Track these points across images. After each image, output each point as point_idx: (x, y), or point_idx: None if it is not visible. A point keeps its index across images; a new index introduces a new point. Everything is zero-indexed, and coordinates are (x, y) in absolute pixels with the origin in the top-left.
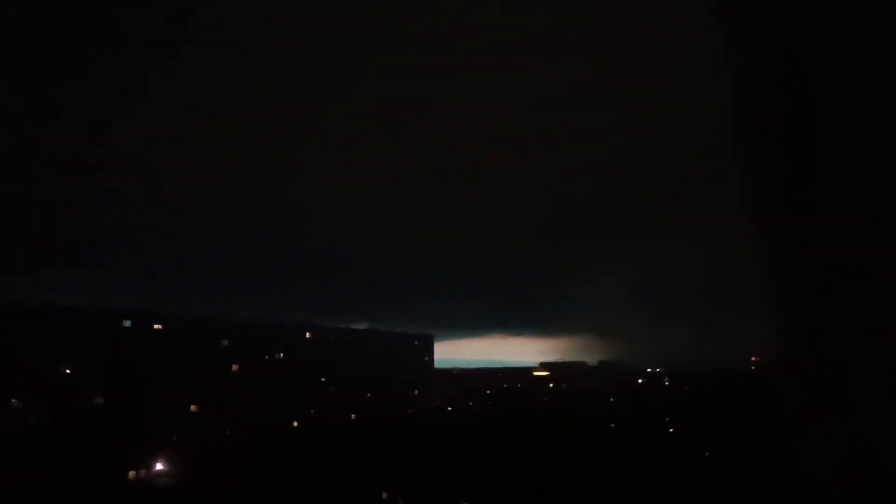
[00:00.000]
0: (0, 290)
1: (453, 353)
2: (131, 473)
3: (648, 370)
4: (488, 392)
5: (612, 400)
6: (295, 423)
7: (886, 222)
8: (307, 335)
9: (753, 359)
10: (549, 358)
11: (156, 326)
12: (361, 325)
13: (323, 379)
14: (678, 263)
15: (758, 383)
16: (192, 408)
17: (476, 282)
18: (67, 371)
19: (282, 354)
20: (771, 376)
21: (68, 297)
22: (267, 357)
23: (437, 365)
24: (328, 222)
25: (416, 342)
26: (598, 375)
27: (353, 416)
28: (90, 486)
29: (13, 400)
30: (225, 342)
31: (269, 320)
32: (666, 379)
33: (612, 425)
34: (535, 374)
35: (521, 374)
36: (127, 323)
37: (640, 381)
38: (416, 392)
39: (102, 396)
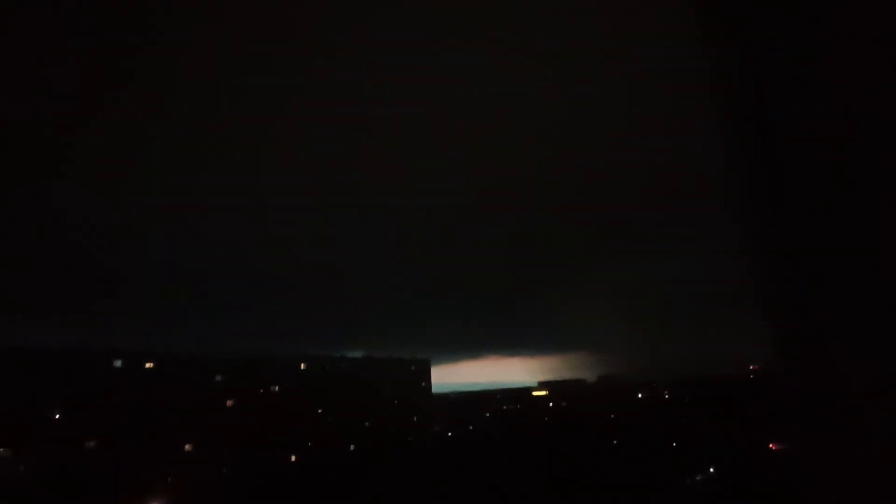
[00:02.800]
0: None
1: (450, 377)
2: None
3: (648, 383)
4: (487, 415)
5: (612, 416)
6: (293, 457)
7: (885, 225)
8: (302, 366)
9: (753, 367)
10: (547, 377)
11: (147, 365)
12: (356, 353)
13: (320, 410)
14: (671, 274)
15: (757, 391)
16: (187, 446)
17: (468, 304)
18: (57, 416)
19: (277, 387)
20: (769, 383)
21: (49, 339)
22: (262, 390)
23: (434, 389)
24: (315, 250)
25: (413, 367)
26: (598, 391)
27: (352, 446)
28: None
29: (1, 448)
30: (219, 378)
31: (262, 353)
32: (666, 392)
33: (615, 441)
34: (534, 393)
35: (519, 394)
36: (118, 363)
37: (640, 395)
38: (415, 418)
39: (95, 439)
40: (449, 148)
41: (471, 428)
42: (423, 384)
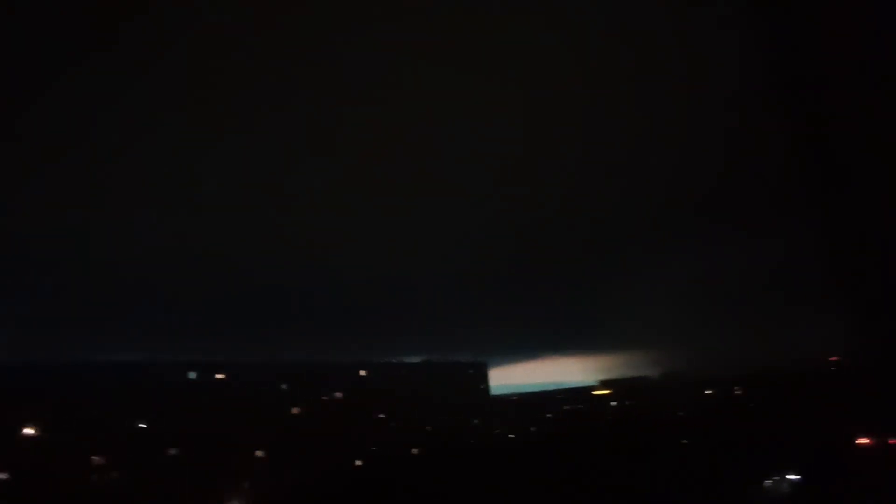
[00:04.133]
0: (70, 352)
1: (508, 378)
2: None
3: (718, 379)
4: (549, 416)
5: (681, 415)
6: (358, 462)
7: None
8: (362, 373)
9: (833, 358)
10: (609, 376)
11: (218, 376)
12: (414, 359)
13: (381, 415)
14: (739, 262)
15: (840, 384)
16: (259, 453)
17: (524, 305)
18: (143, 425)
19: (339, 394)
20: (854, 375)
21: (134, 352)
22: (325, 397)
23: (493, 392)
24: (369, 256)
25: (471, 370)
26: (664, 389)
27: (414, 450)
28: None
29: (94, 457)
30: (284, 386)
31: (323, 361)
32: (738, 388)
33: (685, 441)
34: (596, 392)
35: (580, 394)
36: (192, 375)
37: (709, 391)
38: (476, 421)
39: (176, 447)
40: (495, 143)
41: (533, 429)
42: (482, 386)
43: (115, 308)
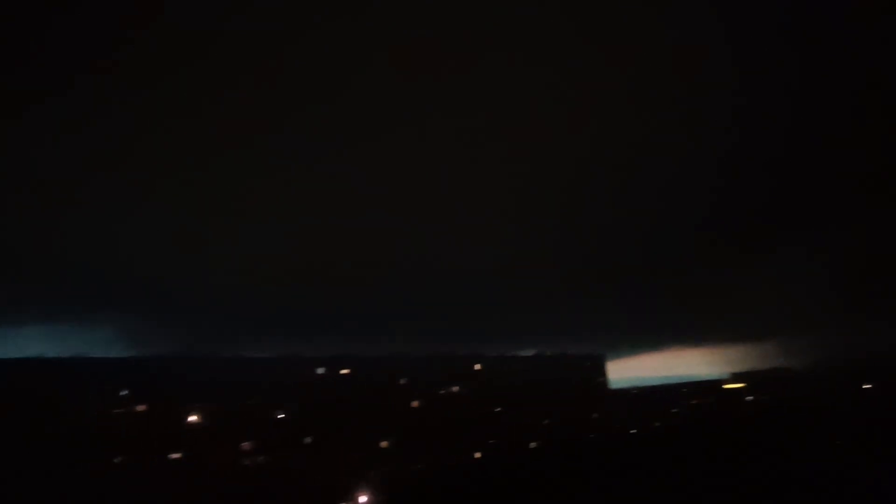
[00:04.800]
0: (218, 349)
1: (628, 371)
2: None
3: (878, 368)
4: (675, 410)
5: (832, 410)
6: (477, 455)
7: None
8: (477, 366)
9: None
10: (742, 368)
11: (343, 371)
12: (528, 352)
13: (498, 409)
14: (873, 245)
15: None
16: (383, 444)
17: (642, 294)
18: (282, 415)
19: (456, 387)
20: None
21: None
22: (443, 391)
23: (612, 385)
24: (479, 250)
25: (588, 363)
26: (808, 382)
27: (532, 444)
28: None
29: (244, 443)
30: (403, 380)
31: (440, 354)
32: None
33: (838, 441)
34: (727, 386)
35: (709, 388)
36: (321, 370)
37: (866, 385)
38: (595, 415)
39: (311, 436)
40: (613, 140)
41: (657, 424)
42: (600, 380)
43: (260, 308)
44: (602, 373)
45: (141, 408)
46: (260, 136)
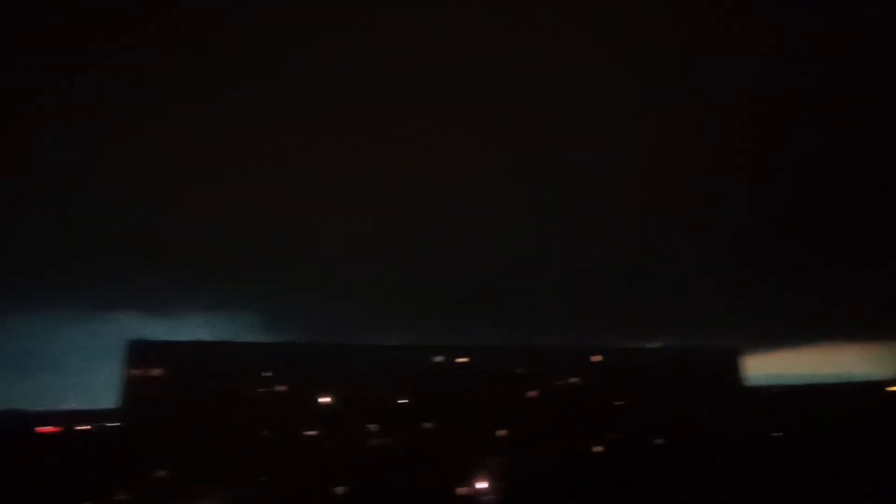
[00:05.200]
0: (346, 337)
1: (767, 368)
2: (459, 490)
3: None
4: (825, 413)
5: None
6: (597, 449)
7: None
8: (597, 358)
9: None
10: None
11: (459, 360)
12: (654, 344)
13: (618, 402)
14: None
15: None
16: (500, 432)
17: (784, 285)
18: (404, 401)
19: (574, 379)
20: None
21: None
22: (561, 382)
23: (748, 382)
24: (608, 235)
25: (720, 358)
26: None
27: (657, 440)
28: (430, 496)
29: (369, 425)
30: (520, 370)
31: (558, 345)
32: None
33: None
34: (891, 388)
35: (868, 389)
36: (438, 358)
37: None
38: (728, 414)
39: (431, 422)
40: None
41: (803, 428)
42: (734, 376)
43: (383, 300)
44: (736, 368)
45: (281, 388)
46: (374, 129)
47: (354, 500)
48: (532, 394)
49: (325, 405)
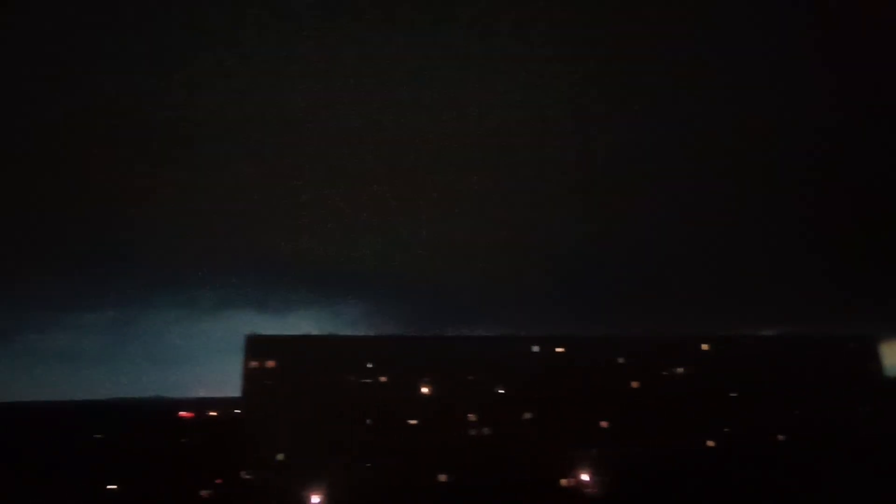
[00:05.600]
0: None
1: None
2: (563, 481)
3: None
4: None
5: None
6: (710, 443)
7: None
8: (705, 346)
9: None
10: None
11: (558, 349)
12: (769, 331)
13: (733, 394)
14: None
15: None
16: (602, 424)
17: None
18: (502, 391)
19: (681, 369)
20: None
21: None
22: (665, 373)
23: (889, 373)
24: (716, 215)
25: (854, 346)
26: None
27: (780, 436)
28: (532, 485)
29: (469, 415)
30: (621, 360)
31: (662, 333)
32: None
33: None
34: None
35: None
36: (535, 348)
37: None
38: (865, 408)
39: (531, 412)
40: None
41: None
42: (871, 366)
43: (479, 292)
44: (875, 358)
45: (383, 379)
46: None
47: (458, 488)
48: (634, 384)
49: (425, 395)
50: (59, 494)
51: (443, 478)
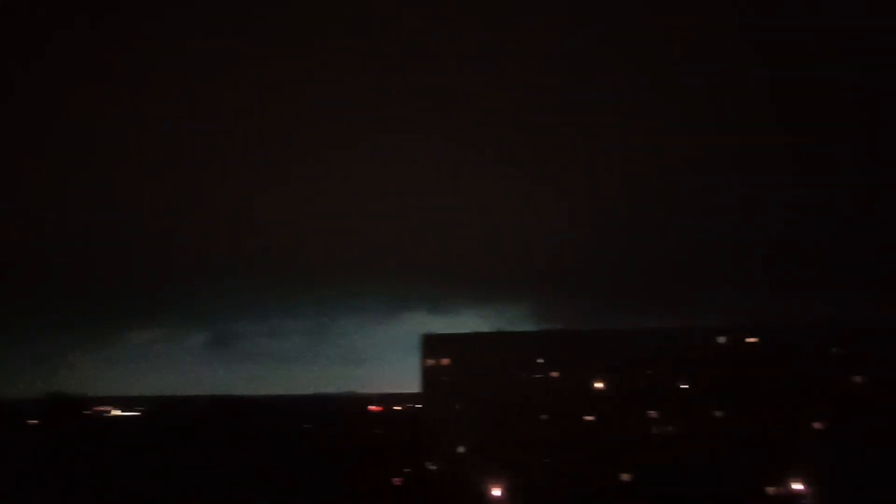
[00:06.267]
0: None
1: None
2: (769, 489)
3: None
4: None
5: None
6: None
7: None
8: None
9: None
10: None
11: (749, 339)
12: None
13: None
14: None
15: None
16: (816, 424)
17: None
18: (685, 386)
19: None
20: None
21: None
22: None
23: None
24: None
25: None
26: None
27: None
28: (728, 495)
29: (650, 411)
30: (835, 349)
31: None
32: None
33: None
34: None
35: None
36: (721, 339)
37: None
38: None
39: (721, 410)
40: None
41: None
42: None
43: (647, 282)
44: None
45: (554, 374)
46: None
47: (642, 488)
48: (857, 379)
49: (600, 391)
50: (283, 473)
51: (625, 477)
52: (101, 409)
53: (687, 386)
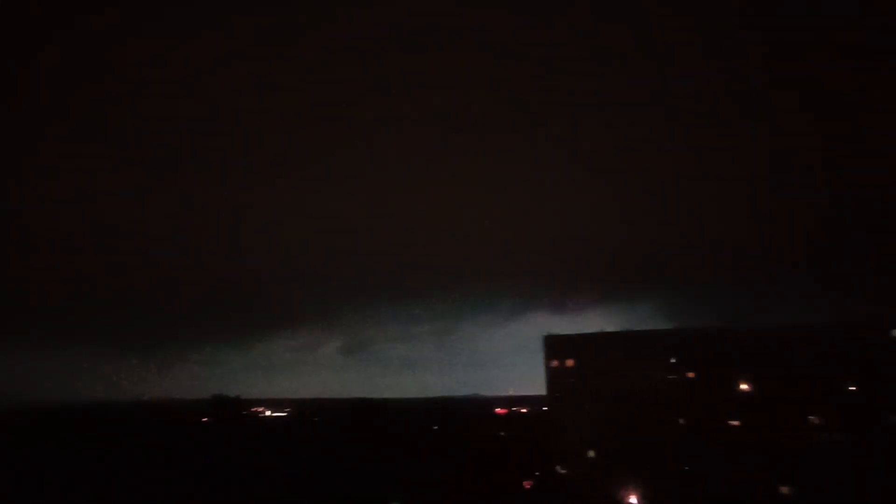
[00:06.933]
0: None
1: None
2: None
3: None
4: None
5: None
6: None
7: None
8: None
9: None
10: None
11: None
12: None
13: None
14: None
15: None
16: None
17: None
18: (853, 388)
19: None
20: None
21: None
22: None
23: None
24: None
25: None
26: None
27: None
28: None
29: (810, 417)
30: None
31: None
32: None
33: None
34: None
35: None
36: (894, 332)
37: None
38: None
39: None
40: None
41: None
42: None
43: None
44: None
45: (691, 374)
46: None
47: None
48: None
49: (746, 393)
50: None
51: (784, 490)
52: (256, 409)
53: (854, 388)
